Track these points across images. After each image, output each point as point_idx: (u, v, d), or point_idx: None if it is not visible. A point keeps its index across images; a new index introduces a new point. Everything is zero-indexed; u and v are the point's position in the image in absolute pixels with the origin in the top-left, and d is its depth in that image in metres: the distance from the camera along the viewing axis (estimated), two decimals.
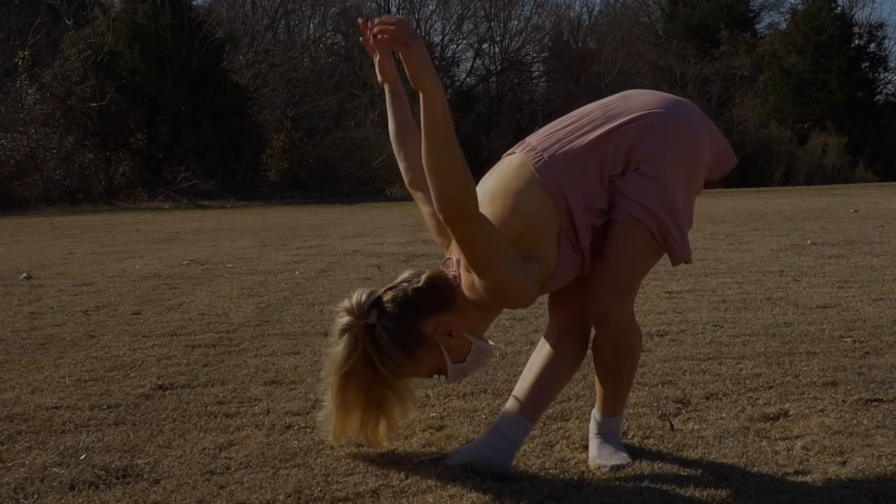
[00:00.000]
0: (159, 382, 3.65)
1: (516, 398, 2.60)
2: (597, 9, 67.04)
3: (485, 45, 51.58)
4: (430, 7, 50.69)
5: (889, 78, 46.79)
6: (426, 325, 2.41)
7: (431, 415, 3.12)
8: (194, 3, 31.40)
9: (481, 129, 43.71)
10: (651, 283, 5.90)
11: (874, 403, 3.10)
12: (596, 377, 2.66)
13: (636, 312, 4.76)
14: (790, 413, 3.01)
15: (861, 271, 6.23)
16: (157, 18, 27.21)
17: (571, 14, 53.97)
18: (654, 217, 2.39)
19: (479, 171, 2.53)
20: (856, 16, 46.55)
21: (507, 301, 2.40)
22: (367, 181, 35.87)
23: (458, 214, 2.20)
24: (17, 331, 4.91)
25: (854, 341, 4.04)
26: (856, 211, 13.10)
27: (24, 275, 7.46)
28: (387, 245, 9.58)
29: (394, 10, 49.86)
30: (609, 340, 2.50)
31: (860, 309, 4.82)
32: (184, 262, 8.37)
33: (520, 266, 2.31)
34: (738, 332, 4.30)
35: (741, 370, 3.59)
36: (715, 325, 4.47)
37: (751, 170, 41.55)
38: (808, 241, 8.22)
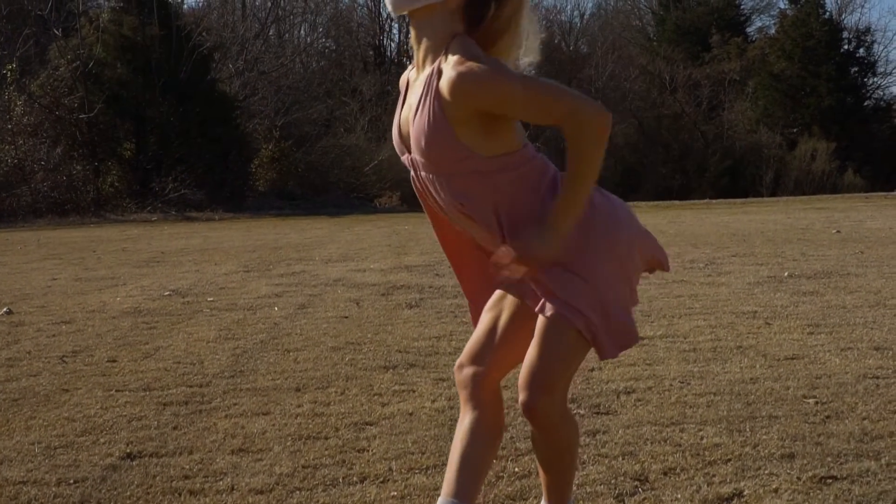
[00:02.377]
0: (128, 450, 3.69)
1: (448, 484, 2.61)
2: (588, 12, 67.26)
3: None
4: None
5: (878, 83, 46.96)
6: None
7: (392, 493, 3.16)
8: (183, 6, 31.41)
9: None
10: None
11: (828, 481, 3.15)
12: (538, 467, 2.70)
13: (609, 362, 4.82)
14: (744, 493, 3.06)
15: (833, 312, 6.29)
16: (143, 29, 27.23)
17: (563, 17, 54.03)
18: (582, 316, 2.42)
19: None
20: (844, 21, 46.79)
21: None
22: (357, 188, 35.95)
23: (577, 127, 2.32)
24: None
25: (817, 402, 4.10)
26: (838, 231, 13.18)
27: (5, 309, 7.48)
28: (369, 273, 9.62)
29: (385, 15, 50.02)
30: (542, 434, 2.53)
31: (827, 361, 4.88)
32: (165, 293, 8.40)
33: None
34: (704, 391, 4.35)
35: (702, 438, 3.65)
36: (682, 382, 4.53)
37: (741, 175, 41.77)
38: (786, 273, 8.28)
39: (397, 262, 10.79)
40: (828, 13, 44.76)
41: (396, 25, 50.25)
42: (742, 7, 51.87)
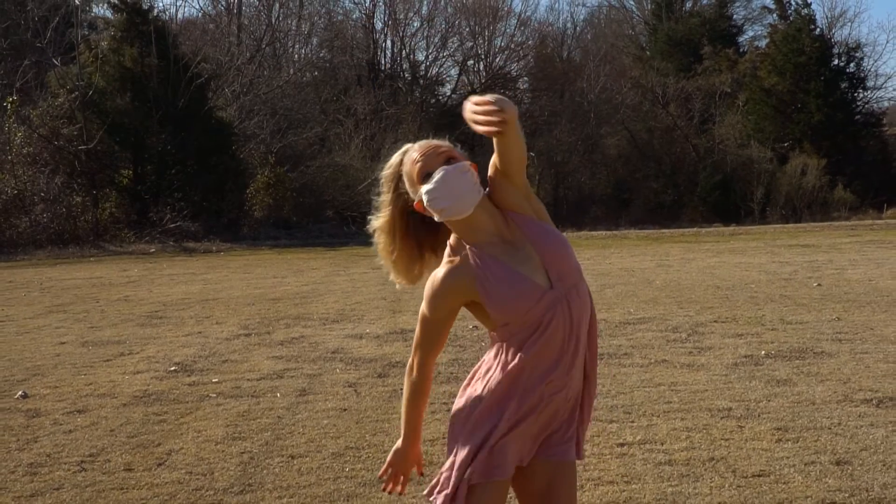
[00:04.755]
0: None
1: None
2: (582, 16, 67.98)
3: (469, 62, 52.21)
4: (415, 25, 51.24)
5: (867, 97, 47.52)
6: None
7: None
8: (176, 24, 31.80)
9: (465, 145, 44.18)
10: (607, 426, 6.38)
11: None
12: None
13: (591, 479, 5.23)
14: None
15: (802, 411, 6.71)
16: (142, 60, 27.64)
17: (555, 28, 54.50)
18: None
19: None
20: (834, 35, 47.41)
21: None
22: (351, 206, 36.41)
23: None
24: (18, 497, 5.34)
25: None
26: (819, 285, 13.63)
27: (21, 393, 7.88)
28: (366, 340, 10.04)
29: (379, 25, 50.46)
30: None
31: (790, 480, 5.29)
32: (171, 368, 8.81)
33: None
34: None
35: None
36: None
37: (732, 190, 42.28)
38: (763, 352, 8.71)
39: (393, 323, 11.21)
40: (818, 29, 45.34)
41: (390, 40, 50.75)
42: (734, 18, 52.52)
